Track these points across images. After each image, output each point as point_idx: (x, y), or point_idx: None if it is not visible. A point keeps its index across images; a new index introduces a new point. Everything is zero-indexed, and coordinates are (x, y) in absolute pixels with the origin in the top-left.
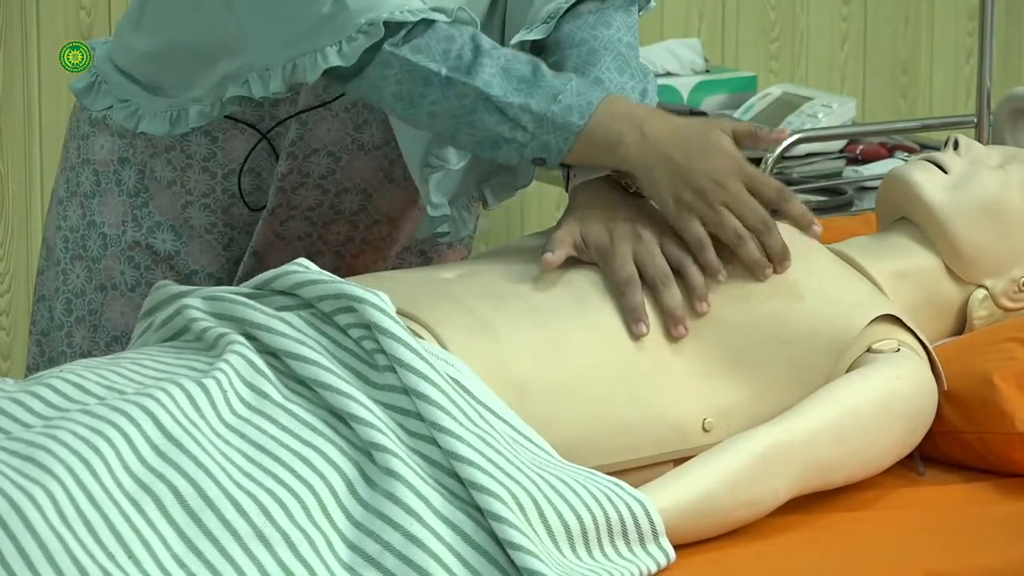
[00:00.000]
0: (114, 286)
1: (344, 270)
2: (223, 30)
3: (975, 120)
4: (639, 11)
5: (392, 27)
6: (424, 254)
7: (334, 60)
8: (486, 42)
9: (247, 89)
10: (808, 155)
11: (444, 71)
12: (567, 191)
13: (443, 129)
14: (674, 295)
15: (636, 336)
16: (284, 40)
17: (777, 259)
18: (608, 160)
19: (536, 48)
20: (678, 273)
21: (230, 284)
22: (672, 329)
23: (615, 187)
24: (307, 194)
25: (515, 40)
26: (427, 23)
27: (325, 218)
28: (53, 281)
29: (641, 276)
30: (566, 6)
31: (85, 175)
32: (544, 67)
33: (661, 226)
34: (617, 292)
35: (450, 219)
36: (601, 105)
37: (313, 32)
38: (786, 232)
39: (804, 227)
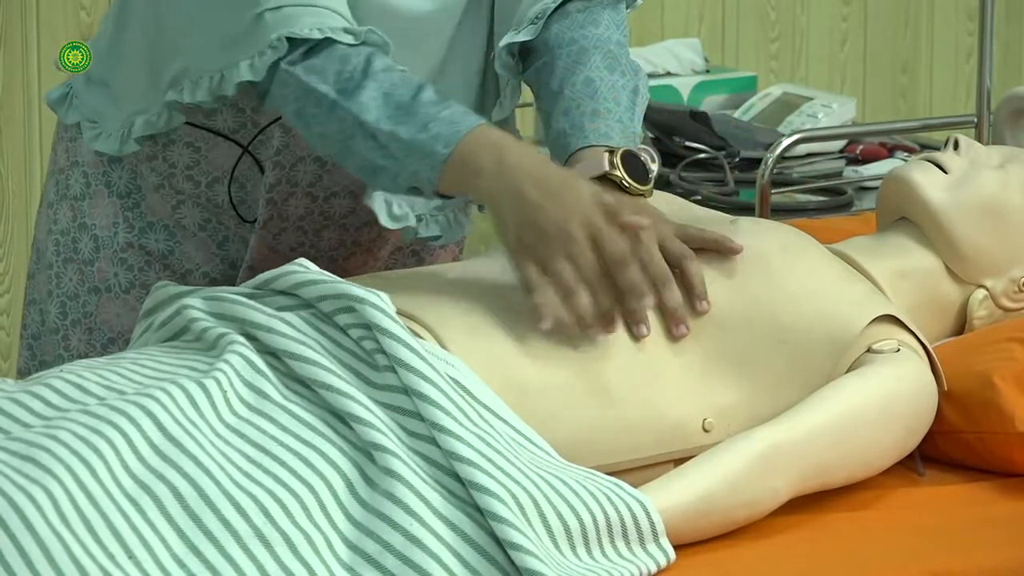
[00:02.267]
0: (108, 288)
1: (338, 274)
2: (172, 32)
3: (975, 120)
4: (627, 7)
5: (295, 43)
6: (416, 254)
7: (246, 74)
8: (379, 64)
9: (181, 95)
10: (808, 155)
11: (332, 94)
12: None
13: (331, 153)
14: (674, 295)
15: (637, 338)
16: (214, 49)
17: (604, 318)
18: (468, 191)
19: (525, 49)
20: (677, 272)
21: (225, 283)
22: (674, 329)
23: (612, 188)
24: (297, 203)
25: (503, 42)
26: (329, 43)
27: (316, 225)
28: (45, 284)
29: None
30: (553, 6)
31: (75, 177)
32: (427, 93)
33: (659, 226)
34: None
35: (443, 224)
36: (470, 135)
37: (235, 44)
38: (785, 230)
39: (634, 299)
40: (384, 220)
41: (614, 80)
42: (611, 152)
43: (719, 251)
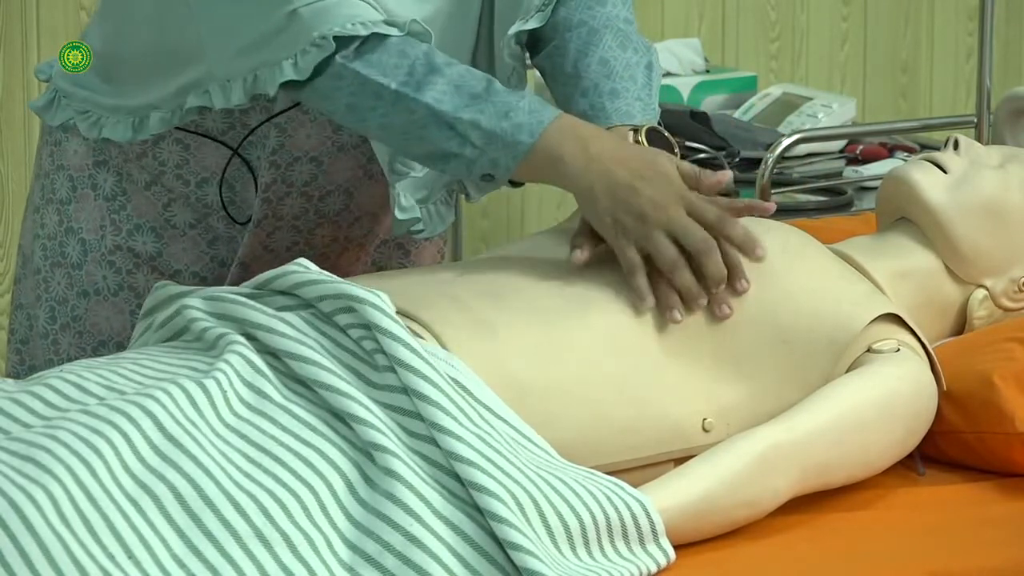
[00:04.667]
0: (97, 291)
1: (330, 270)
2: (185, 37)
3: (975, 120)
4: None
5: (343, 41)
6: (402, 247)
7: (289, 73)
8: (440, 59)
9: (208, 99)
10: (808, 155)
11: (394, 85)
12: None
13: (393, 142)
14: (718, 266)
15: (673, 321)
16: (241, 51)
17: (713, 281)
18: (552, 179)
19: (533, 35)
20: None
21: (215, 283)
22: (717, 310)
23: None
24: (292, 203)
25: (512, 31)
26: (379, 37)
27: (311, 224)
28: (33, 289)
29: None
30: None
31: (60, 181)
32: (497, 84)
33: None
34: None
35: (424, 217)
36: (552, 124)
37: (269, 44)
38: (786, 230)
39: (747, 252)
40: (397, 213)
41: (628, 58)
42: (635, 130)
43: (752, 213)
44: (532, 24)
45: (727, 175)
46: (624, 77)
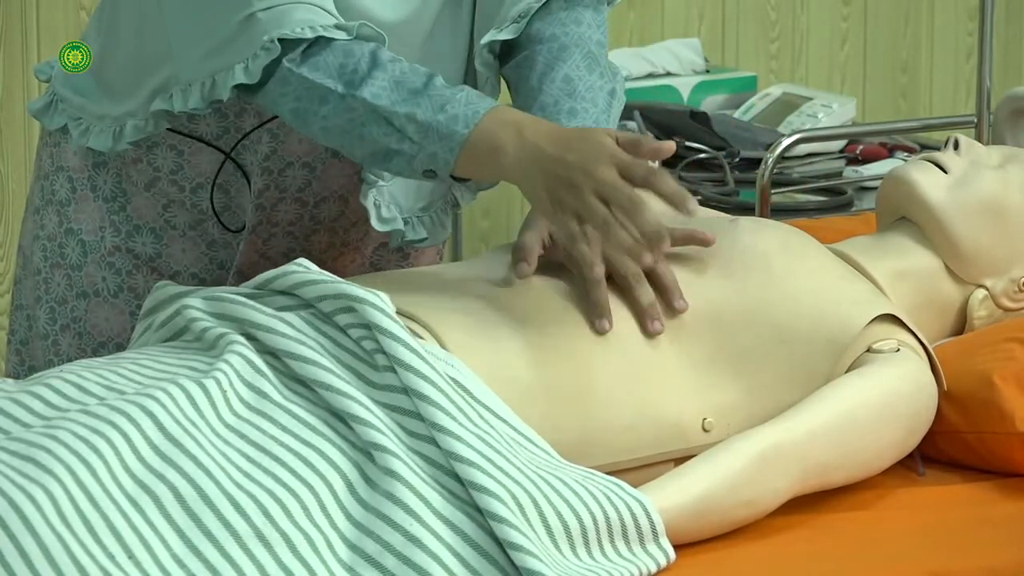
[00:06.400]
0: (96, 292)
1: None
2: (157, 39)
3: (975, 120)
4: (607, 4)
5: (289, 44)
6: (400, 249)
7: (240, 77)
8: (385, 55)
9: (170, 103)
10: (808, 155)
11: (340, 88)
12: None
13: (336, 144)
14: (646, 292)
15: (600, 332)
16: (203, 55)
17: (653, 240)
18: (492, 171)
19: (506, 47)
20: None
21: (215, 285)
22: (649, 325)
23: None
24: (287, 209)
25: (485, 40)
26: (325, 41)
27: (306, 230)
28: (33, 290)
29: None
30: (537, 5)
31: (60, 182)
32: (439, 79)
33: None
34: (584, 290)
35: (428, 226)
36: (488, 115)
37: (227, 48)
38: (786, 230)
39: (677, 205)
40: (375, 223)
41: (592, 80)
42: None
43: (695, 243)
44: (505, 35)
45: (670, 145)
46: (585, 98)
